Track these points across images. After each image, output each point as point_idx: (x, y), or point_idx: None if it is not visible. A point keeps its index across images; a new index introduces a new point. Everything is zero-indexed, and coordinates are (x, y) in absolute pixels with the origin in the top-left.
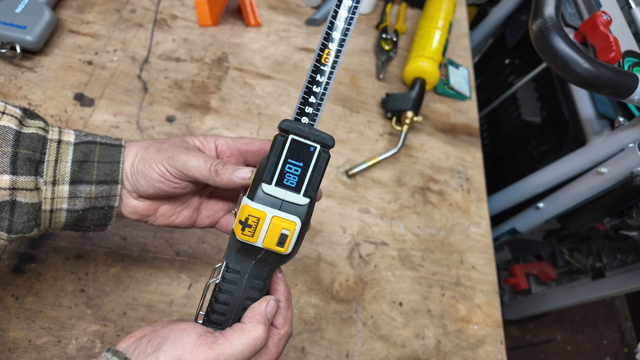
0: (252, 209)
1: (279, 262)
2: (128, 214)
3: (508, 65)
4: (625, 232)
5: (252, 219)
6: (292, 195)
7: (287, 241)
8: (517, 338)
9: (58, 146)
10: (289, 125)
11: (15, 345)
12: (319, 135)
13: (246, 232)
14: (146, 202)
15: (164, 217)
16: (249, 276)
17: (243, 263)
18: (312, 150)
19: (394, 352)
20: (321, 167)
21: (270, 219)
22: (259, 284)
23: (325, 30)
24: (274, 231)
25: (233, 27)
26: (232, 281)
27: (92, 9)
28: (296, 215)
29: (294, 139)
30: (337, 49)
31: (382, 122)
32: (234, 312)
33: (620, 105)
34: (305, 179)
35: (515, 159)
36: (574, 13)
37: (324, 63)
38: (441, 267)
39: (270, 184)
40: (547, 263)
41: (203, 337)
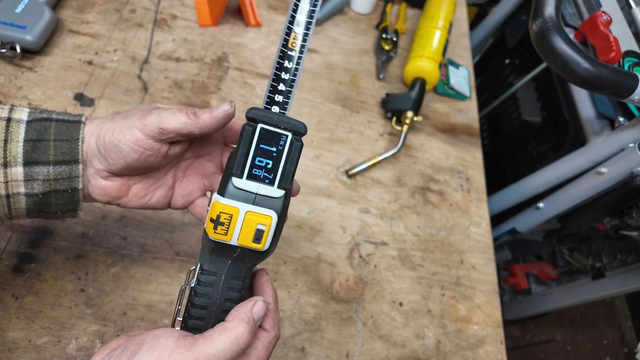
0: (224, 205)
1: (257, 259)
2: (97, 196)
3: (508, 65)
4: (625, 232)
5: (224, 216)
6: (266, 188)
7: (263, 237)
8: (517, 338)
9: (7, 124)
10: (257, 114)
11: (15, 345)
12: (289, 123)
13: (219, 231)
14: (117, 180)
15: (137, 198)
16: (226, 277)
17: (218, 263)
18: (284, 139)
19: (394, 352)
20: (294, 156)
21: (244, 214)
22: (237, 285)
23: (290, 14)
24: (249, 227)
25: (233, 27)
26: (208, 283)
27: (92, 9)
28: (271, 208)
29: (263, 128)
30: (303, 32)
31: (382, 122)
32: (213, 316)
33: (621, 105)
34: (279, 170)
35: (515, 159)
36: (574, 13)
37: (291, 48)
38: (441, 267)
39: (242, 178)
40: (547, 263)
41: (181, 340)
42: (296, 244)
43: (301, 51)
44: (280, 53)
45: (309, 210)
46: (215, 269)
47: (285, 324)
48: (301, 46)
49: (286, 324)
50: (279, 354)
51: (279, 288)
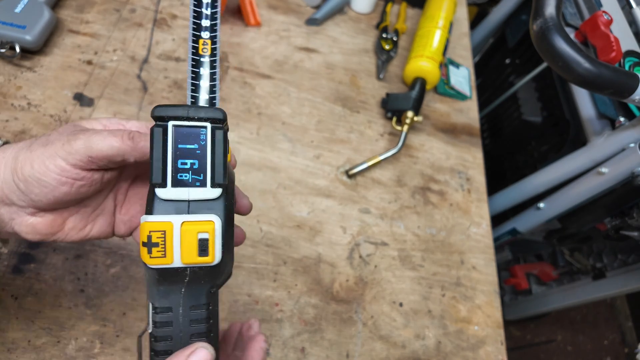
0: (153, 223)
1: (214, 277)
2: (26, 235)
3: (508, 65)
4: (626, 232)
5: (156, 235)
6: (198, 191)
7: (209, 247)
8: (517, 338)
9: None
10: (165, 110)
11: (14, 345)
12: (205, 113)
13: (155, 254)
14: (47, 216)
15: (76, 231)
16: (184, 309)
17: (171, 295)
18: (204, 132)
19: (394, 352)
20: (219, 147)
21: (180, 227)
22: (200, 315)
23: (192, 21)
24: (189, 240)
25: (233, 27)
26: (165, 323)
27: (92, 9)
28: (211, 212)
29: (176, 126)
30: (210, 35)
31: (382, 122)
32: (178, 345)
33: (621, 105)
34: (207, 167)
35: (516, 159)
36: (574, 13)
37: (202, 54)
38: (441, 268)
39: (166, 187)
40: (548, 263)
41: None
42: (296, 244)
43: (214, 54)
44: (192, 62)
45: (309, 211)
46: (168, 303)
47: (285, 325)
48: (212, 50)
49: (286, 324)
50: (279, 354)
51: (279, 288)
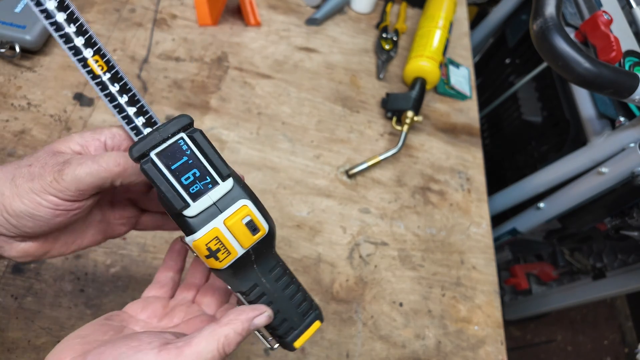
0: (202, 238)
1: (270, 241)
2: (18, 259)
3: (508, 64)
4: (626, 232)
5: (212, 244)
6: (216, 191)
7: (256, 223)
8: (517, 338)
9: None
10: (140, 148)
11: (14, 345)
12: (171, 127)
13: (222, 257)
14: (38, 240)
15: (67, 246)
16: (265, 277)
17: (249, 275)
18: (182, 142)
19: (394, 352)
20: (205, 145)
21: (225, 226)
22: (279, 272)
23: (66, 48)
24: (239, 228)
25: (233, 27)
26: (259, 297)
27: (92, 9)
28: (237, 199)
29: (158, 153)
30: (94, 51)
31: (382, 122)
32: (290, 313)
33: (621, 105)
34: (208, 168)
35: (516, 158)
36: (574, 12)
37: (100, 74)
38: (441, 268)
39: (190, 205)
40: (548, 263)
41: (164, 352)
42: (296, 244)
43: (112, 67)
44: (98, 87)
45: (309, 210)
46: (251, 282)
47: None
48: (107, 63)
49: None
50: (279, 354)
51: None
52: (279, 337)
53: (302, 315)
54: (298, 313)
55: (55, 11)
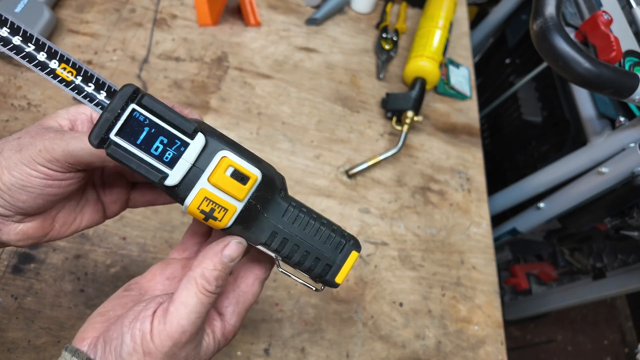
0: (193, 203)
1: (270, 186)
2: (17, 242)
3: (509, 64)
4: (626, 232)
5: (205, 206)
6: (189, 152)
7: (242, 171)
8: (517, 338)
9: None
10: (97, 134)
11: (14, 345)
12: (118, 101)
13: (220, 216)
14: (36, 219)
15: (67, 226)
16: (281, 222)
17: (262, 225)
18: (136, 114)
19: (395, 352)
20: (159, 109)
21: (209, 184)
22: (293, 214)
23: (32, 66)
24: (227, 183)
25: (233, 27)
26: (282, 244)
27: (92, 9)
28: (214, 153)
29: (117, 133)
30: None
31: (382, 122)
32: (324, 249)
33: (621, 105)
34: (172, 131)
35: (516, 158)
36: (574, 12)
37: (71, 80)
38: (441, 268)
39: (168, 174)
40: (548, 263)
41: (155, 316)
42: None
43: (79, 68)
44: (74, 91)
45: None
46: (269, 231)
47: (285, 325)
48: (73, 66)
49: (286, 324)
50: (279, 354)
51: (279, 288)
52: (319, 277)
53: (335, 250)
54: (330, 249)
55: (10, 37)
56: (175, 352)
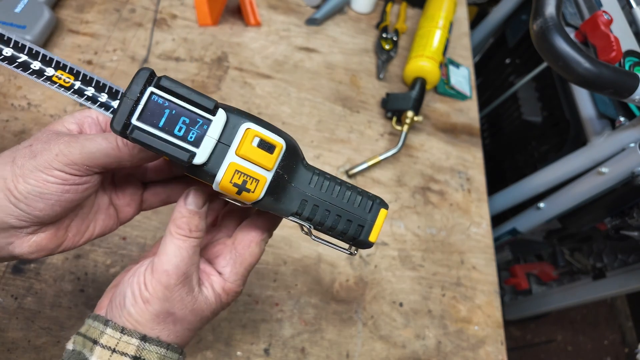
0: (224, 178)
1: (294, 154)
2: (30, 255)
3: (509, 64)
4: (626, 232)
5: (237, 178)
6: (213, 129)
7: (269, 140)
8: (517, 338)
9: None
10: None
11: (14, 345)
12: (135, 86)
13: (253, 187)
14: (49, 229)
15: (80, 235)
16: (309, 190)
17: (292, 195)
18: (154, 97)
19: (395, 352)
20: (177, 89)
21: (238, 157)
22: (319, 181)
23: (30, 76)
24: (254, 153)
25: (233, 27)
26: (313, 212)
27: (92, 9)
28: (238, 126)
29: (138, 117)
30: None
31: (382, 122)
32: (353, 214)
33: (621, 105)
34: (193, 110)
35: (516, 158)
36: (574, 12)
37: (69, 85)
38: (442, 268)
39: (195, 154)
40: (548, 263)
41: (147, 268)
42: (296, 244)
43: (76, 73)
44: (75, 95)
45: None
46: (298, 201)
47: (285, 325)
48: (70, 72)
49: (286, 324)
50: (279, 354)
51: (279, 288)
52: (352, 239)
53: (364, 210)
54: (360, 209)
55: (2, 46)
56: (168, 296)
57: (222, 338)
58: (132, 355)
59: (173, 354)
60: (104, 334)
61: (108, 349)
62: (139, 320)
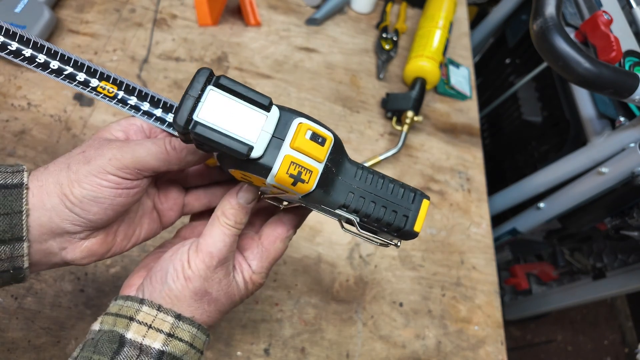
0: (281, 169)
1: (341, 150)
2: (82, 261)
3: (509, 64)
4: (626, 232)
5: (293, 169)
6: (268, 123)
7: (320, 133)
8: (517, 338)
9: None
10: (182, 116)
11: (14, 345)
12: (197, 84)
13: (307, 178)
14: (99, 234)
15: (127, 239)
16: (355, 183)
17: (339, 188)
18: (215, 96)
19: (395, 352)
20: (236, 87)
21: (292, 149)
22: (364, 174)
23: (79, 87)
24: (308, 145)
25: (233, 27)
26: (360, 204)
27: (92, 9)
28: (291, 121)
29: (200, 113)
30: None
31: (382, 122)
32: (398, 205)
33: (621, 105)
34: (250, 107)
35: (516, 158)
36: (574, 12)
37: (112, 95)
38: (442, 268)
39: (254, 147)
40: (548, 263)
41: (191, 247)
42: (296, 244)
43: (119, 84)
44: (120, 104)
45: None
46: (345, 193)
47: (285, 325)
48: (114, 82)
49: (286, 324)
50: (279, 354)
51: (279, 288)
52: (397, 230)
53: (408, 201)
54: (403, 200)
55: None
56: (209, 275)
57: (222, 338)
58: (166, 332)
59: (202, 334)
60: (140, 311)
61: (145, 324)
62: (178, 295)
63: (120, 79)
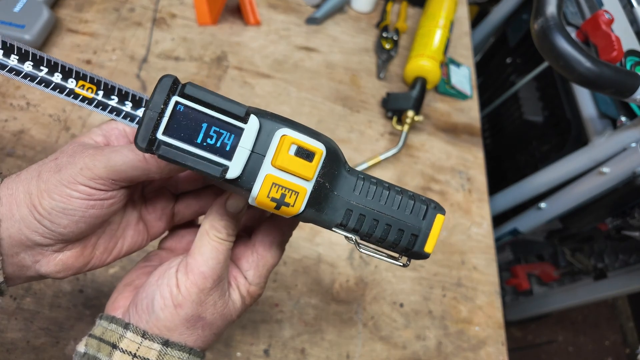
0: (261, 192)
1: (335, 159)
2: (57, 274)
3: (510, 64)
4: (627, 233)
5: (275, 192)
6: (245, 138)
7: (307, 146)
8: (518, 339)
9: None
10: (143, 136)
11: (13, 346)
12: (158, 96)
13: (292, 201)
14: (75, 247)
15: (108, 253)
16: (353, 199)
17: (335, 204)
18: (179, 107)
19: (395, 353)
20: (204, 97)
21: (274, 168)
22: (364, 186)
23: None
24: (292, 162)
25: (232, 26)
26: (359, 221)
27: (91, 8)
28: (273, 133)
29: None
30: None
31: (382, 122)
32: (405, 222)
33: (623, 105)
34: (222, 118)
35: (517, 158)
36: (575, 12)
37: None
38: (442, 268)
39: (228, 167)
40: (549, 263)
41: (179, 270)
42: (296, 245)
43: (97, 83)
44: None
45: None
46: (342, 211)
47: (285, 325)
48: (91, 81)
49: (286, 325)
50: (279, 355)
51: (278, 289)
52: (405, 250)
53: (417, 217)
54: (412, 216)
55: (20, 64)
56: (202, 299)
57: (221, 339)
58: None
59: (195, 358)
60: (123, 338)
61: (128, 353)
62: (167, 325)
63: (97, 78)
